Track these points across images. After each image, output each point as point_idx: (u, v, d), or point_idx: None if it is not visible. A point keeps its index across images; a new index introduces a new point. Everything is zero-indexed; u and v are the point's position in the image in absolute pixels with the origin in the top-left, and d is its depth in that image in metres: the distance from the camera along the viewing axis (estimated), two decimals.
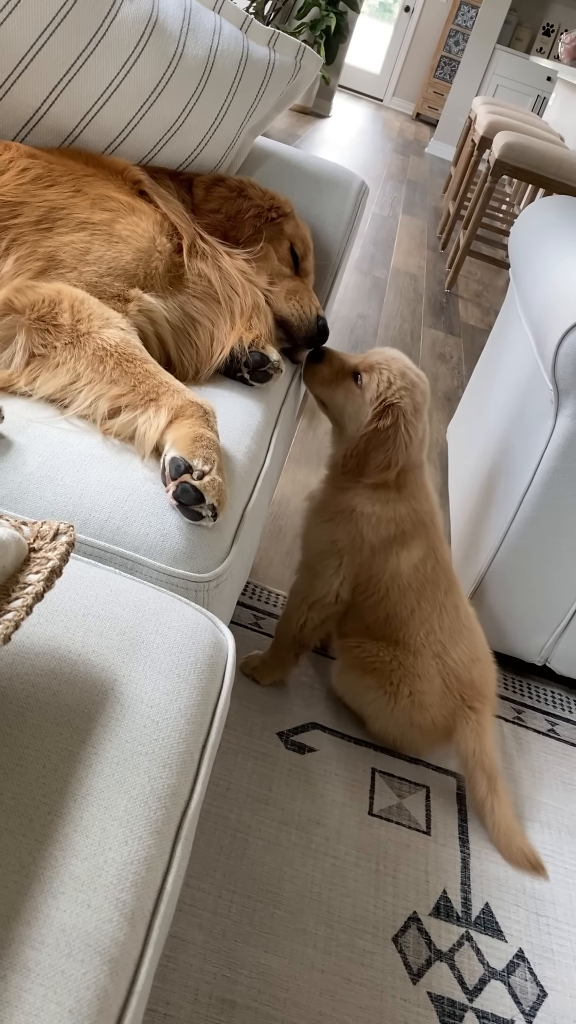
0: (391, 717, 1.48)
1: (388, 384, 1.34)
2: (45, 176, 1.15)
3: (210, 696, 0.76)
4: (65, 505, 0.91)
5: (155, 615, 0.79)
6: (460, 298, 4.32)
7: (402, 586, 1.43)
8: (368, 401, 1.35)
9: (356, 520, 1.39)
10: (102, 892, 0.55)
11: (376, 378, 1.35)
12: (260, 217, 1.41)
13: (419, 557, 1.43)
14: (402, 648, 1.45)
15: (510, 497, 1.68)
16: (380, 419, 1.34)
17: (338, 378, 1.39)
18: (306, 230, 1.50)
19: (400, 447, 1.35)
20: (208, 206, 1.40)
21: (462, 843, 1.43)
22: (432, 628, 1.45)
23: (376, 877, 1.32)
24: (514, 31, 9.37)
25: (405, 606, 1.44)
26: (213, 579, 0.93)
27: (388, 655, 1.45)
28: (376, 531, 1.39)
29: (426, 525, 1.43)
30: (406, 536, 1.41)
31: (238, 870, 1.26)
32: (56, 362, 1.02)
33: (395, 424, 1.34)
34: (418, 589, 1.44)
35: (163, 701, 0.71)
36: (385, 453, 1.34)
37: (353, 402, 1.37)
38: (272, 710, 1.54)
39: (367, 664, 1.46)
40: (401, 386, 1.35)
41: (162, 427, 0.98)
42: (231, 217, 1.39)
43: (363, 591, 1.44)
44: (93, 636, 0.74)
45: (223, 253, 1.32)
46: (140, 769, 0.65)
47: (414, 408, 1.36)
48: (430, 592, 1.44)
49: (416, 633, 1.44)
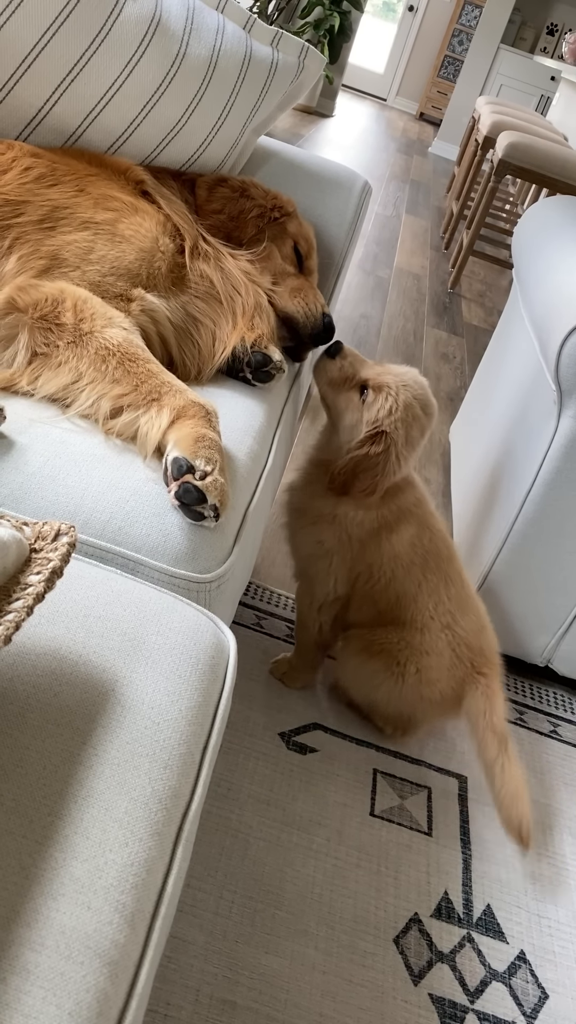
0: (400, 698, 1.46)
1: (389, 412, 1.31)
2: (48, 175, 1.15)
3: (211, 697, 0.76)
4: (67, 505, 0.91)
5: (156, 616, 0.79)
6: (463, 298, 4.31)
7: (405, 564, 1.42)
8: (365, 421, 1.32)
9: (339, 521, 1.38)
10: (102, 894, 0.55)
11: (380, 401, 1.32)
12: (263, 217, 1.41)
13: (413, 534, 1.42)
14: (408, 627, 1.43)
15: (513, 498, 1.68)
16: (372, 444, 1.31)
17: (346, 384, 1.36)
18: (309, 229, 1.50)
19: (388, 475, 1.32)
20: (211, 206, 1.39)
21: (464, 844, 1.42)
22: (440, 599, 1.44)
23: (377, 878, 1.32)
24: (518, 31, 9.36)
25: (412, 582, 1.43)
26: (215, 580, 0.93)
27: (394, 637, 1.44)
28: (361, 527, 1.39)
29: (411, 510, 1.42)
30: (390, 524, 1.39)
31: (239, 871, 1.26)
32: (58, 361, 1.02)
33: (385, 453, 1.31)
34: (421, 563, 1.43)
35: (164, 702, 0.71)
36: (372, 479, 1.32)
37: (352, 414, 1.35)
38: (274, 710, 1.53)
39: (373, 648, 1.45)
40: (400, 418, 1.31)
41: (164, 427, 0.98)
42: (234, 217, 1.39)
43: (367, 579, 1.43)
44: (94, 637, 0.73)
45: (226, 254, 1.32)
46: (141, 771, 0.65)
47: (407, 441, 1.32)
48: (433, 563, 1.43)
49: (426, 607, 1.43)
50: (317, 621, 1.49)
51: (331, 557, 1.41)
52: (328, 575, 1.43)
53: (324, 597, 1.46)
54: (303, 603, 1.50)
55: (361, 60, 10.65)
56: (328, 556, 1.41)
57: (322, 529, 1.40)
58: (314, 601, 1.47)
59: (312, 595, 1.47)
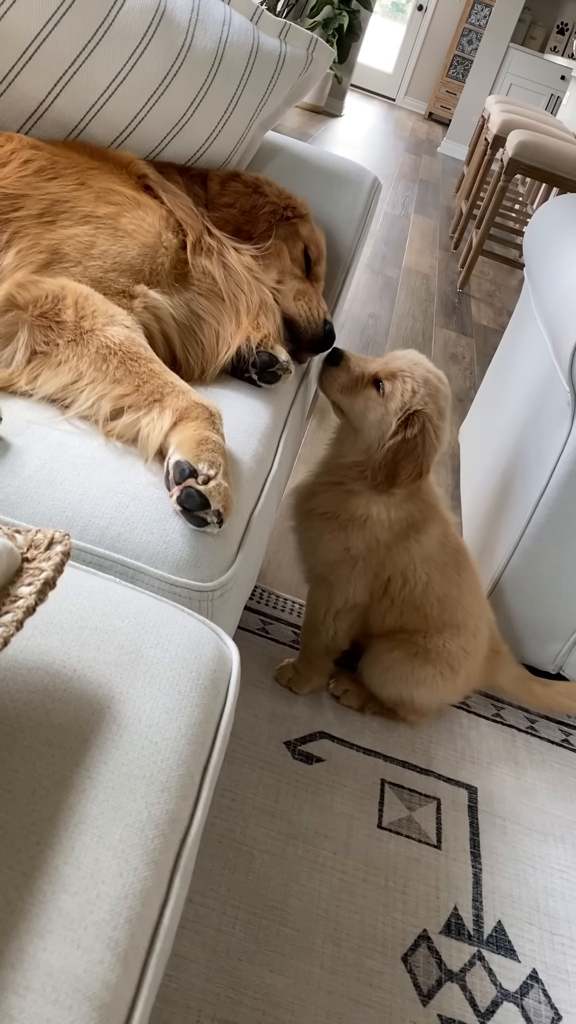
0: (444, 696, 1.53)
1: (412, 392, 1.30)
2: (48, 168, 1.12)
3: (212, 714, 0.72)
4: (64, 510, 0.88)
5: (156, 627, 0.75)
6: (472, 298, 4.27)
7: (439, 565, 1.42)
8: (392, 411, 1.30)
9: (370, 527, 1.36)
10: (93, 930, 0.52)
11: (400, 386, 1.30)
12: (275, 214, 1.38)
13: (440, 532, 1.42)
14: (462, 632, 1.47)
15: (524, 502, 1.64)
16: (407, 428, 1.29)
17: (358, 385, 1.34)
18: (321, 235, 1.47)
19: (429, 453, 1.32)
20: (222, 200, 1.36)
21: (474, 857, 1.39)
22: (477, 596, 1.50)
23: (385, 893, 1.28)
24: (528, 30, 9.30)
25: (451, 583, 1.44)
26: (218, 588, 0.89)
27: (449, 644, 1.46)
28: (390, 530, 1.37)
29: (435, 505, 1.43)
30: (418, 523, 1.39)
31: (243, 885, 1.22)
32: (58, 360, 0.98)
33: (423, 431, 1.30)
34: (453, 562, 1.44)
35: (162, 720, 0.67)
36: (415, 462, 1.30)
37: (375, 410, 1.32)
38: (279, 718, 1.50)
39: (428, 655, 1.46)
40: (426, 393, 1.31)
41: (166, 429, 0.94)
42: (245, 212, 1.35)
43: (402, 585, 1.42)
44: (90, 650, 0.70)
45: (230, 248, 1.28)
46: (137, 794, 0.61)
47: (439, 412, 1.32)
48: (463, 559, 1.47)
49: (472, 608, 1.48)
50: (332, 628, 1.46)
51: (356, 563, 1.38)
52: (349, 582, 1.40)
53: (343, 603, 1.43)
54: (318, 609, 1.46)
55: (370, 60, 10.60)
56: (353, 562, 1.38)
57: (351, 534, 1.37)
58: (331, 607, 1.44)
59: (330, 601, 1.43)
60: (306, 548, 1.45)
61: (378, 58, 10.83)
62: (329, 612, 1.44)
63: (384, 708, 1.55)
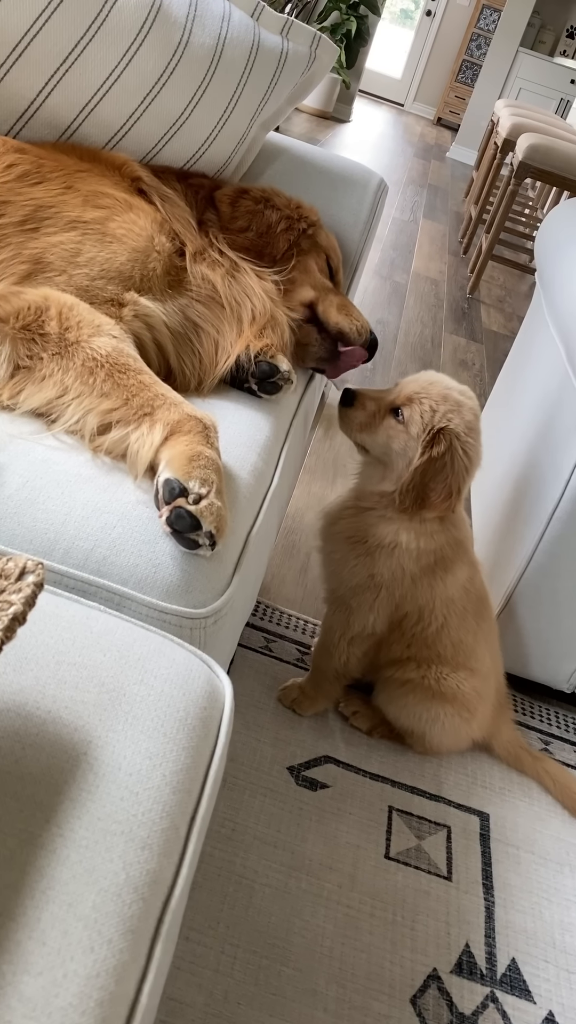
0: (456, 738, 1.47)
1: (432, 411, 1.24)
2: (33, 172, 1.06)
3: (201, 757, 0.66)
4: (46, 532, 0.82)
5: (141, 661, 0.69)
6: (482, 303, 4.21)
7: (459, 611, 1.37)
8: (415, 435, 1.25)
9: (398, 555, 1.30)
10: (58, 1017, 0.46)
11: (417, 409, 1.25)
12: (292, 230, 1.32)
13: (466, 576, 1.36)
14: (468, 672, 1.41)
15: (538, 514, 1.57)
16: (433, 447, 1.23)
17: (376, 419, 1.29)
18: (335, 240, 1.41)
19: (460, 472, 1.25)
20: (237, 224, 1.29)
21: (486, 890, 1.32)
22: (493, 647, 1.45)
23: (393, 929, 1.22)
24: (537, 34, 9.25)
25: (468, 631, 1.39)
26: (211, 615, 0.83)
27: (454, 681, 1.40)
28: (417, 562, 1.31)
29: (464, 544, 1.37)
30: (447, 561, 1.33)
31: (243, 921, 1.16)
32: (42, 374, 0.93)
33: (450, 449, 1.23)
34: (474, 610, 1.39)
35: (145, 767, 0.61)
36: (445, 481, 1.24)
37: (398, 439, 1.27)
38: (282, 742, 1.44)
39: (443, 694, 1.40)
40: (447, 410, 1.24)
41: (156, 444, 0.89)
42: (262, 234, 1.29)
43: (417, 621, 1.36)
44: (67, 688, 0.64)
45: (250, 272, 1.23)
46: (114, 853, 0.55)
47: (466, 427, 1.25)
48: (484, 609, 1.41)
49: (484, 657, 1.43)
50: (345, 653, 1.40)
51: (380, 590, 1.32)
52: (371, 609, 1.34)
53: (360, 629, 1.37)
54: (334, 632, 1.40)
55: (378, 65, 10.57)
56: (377, 589, 1.32)
57: (377, 560, 1.31)
58: (347, 632, 1.38)
59: (347, 626, 1.38)
60: (330, 570, 1.39)
61: (386, 64, 10.79)
62: (344, 637, 1.39)
63: (394, 733, 1.49)
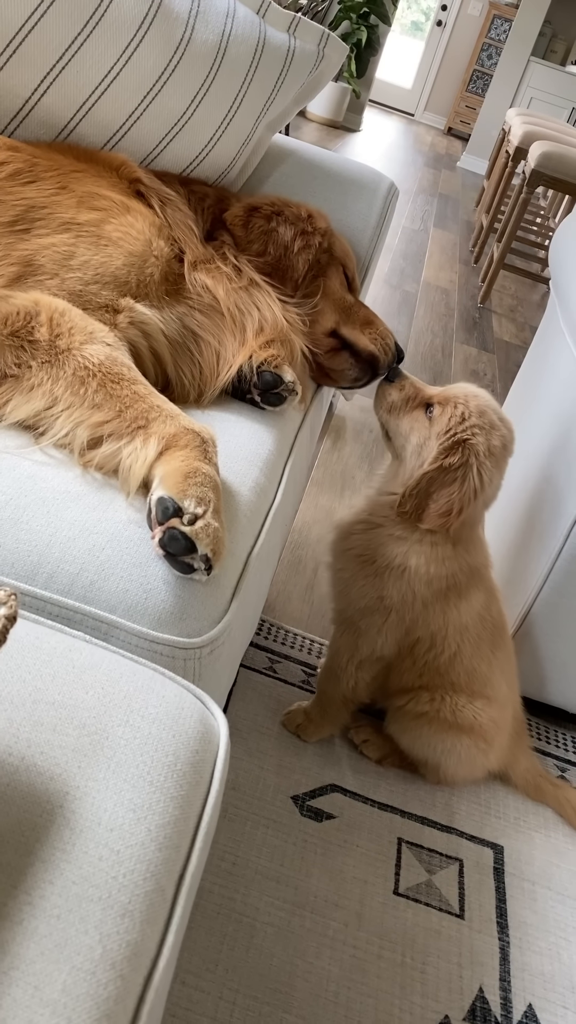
0: (472, 769, 1.40)
1: (461, 419, 1.18)
2: (26, 171, 1.01)
3: (192, 808, 0.60)
4: (29, 554, 0.76)
5: (126, 699, 0.63)
6: (494, 313, 4.15)
7: (473, 640, 1.30)
8: (435, 435, 1.19)
9: (408, 578, 1.23)
10: None
11: (449, 411, 1.19)
12: (309, 248, 1.25)
13: (482, 603, 1.29)
14: (485, 700, 1.34)
15: (554, 532, 1.51)
16: (448, 456, 1.17)
17: (407, 406, 1.24)
18: (348, 245, 1.36)
19: (468, 493, 1.17)
20: (253, 248, 1.23)
21: (500, 928, 1.25)
22: (510, 677, 1.39)
23: (402, 971, 1.15)
24: (549, 43, 9.20)
25: (482, 660, 1.32)
26: (206, 644, 0.77)
27: (471, 712, 1.33)
28: (429, 586, 1.24)
29: (481, 572, 1.30)
30: (460, 587, 1.26)
31: (243, 964, 1.10)
32: (31, 384, 0.87)
33: (465, 464, 1.17)
34: (489, 639, 1.32)
35: (128, 821, 0.55)
36: (449, 497, 1.17)
37: (419, 433, 1.21)
38: (286, 769, 1.37)
39: (460, 725, 1.33)
40: (476, 424, 1.18)
41: (150, 459, 0.83)
42: (280, 258, 1.23)
43: (428, 648, 1.29)
44: (43, 731, 0.58)
45: (271, 294, 1.17)
46: (89, 923, 0.49)
47: (489, 451, 1.18)
48: (500, 638, 1.34)
49: (500, 685, 1.36)
50: (353, 677, 1.33)
51: (389, 614, 1.26)
52: (380, 632, 1.28)
53: (369, 653, 1.30)
54: (341, 655, 1.33)
55: (389, 75, 10.53)
56: (386, 612, 1.26)
57: (387, 582, 1.24)
58: (356, 655, 1.31)
59: (355, 648, 1.31)
60: (339, 589, 1.32)
61: (397, 74, 10.76)
62: (352, 660, 1.32)
63: (406, 762, 1.42)
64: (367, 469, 2.33)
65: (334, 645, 1.36)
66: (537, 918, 1.28)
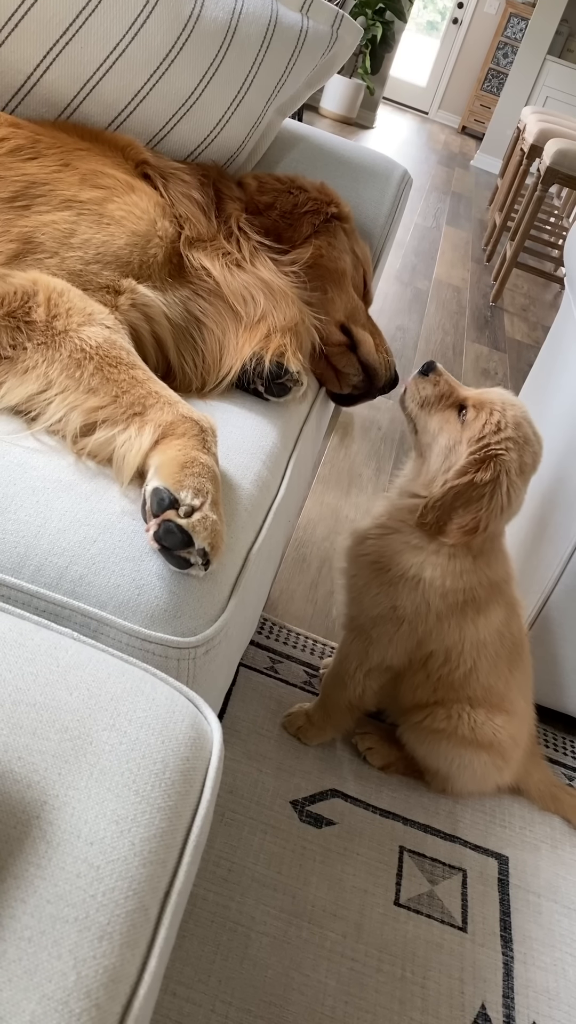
0: (484, 785, 1.36)
1: (496, 428, 1.13)
2: (27, 148, 0.97)
3: (181, 820, 0.56)
4: (15, 546, 0.72)
5: (113, 702, 0.59)
6: (506, 312, 4.10)
7: (491, 657, 1.25)
8: (466, 440, 1.14)
9: (422, 590, 1.19)
10: None
11: (484, 417, 1.14)
12: (318, 213, 1.21)
13: (502, 619, 1.24)
14: (504, 716, 1.30)
15: (566, 533, 1.46)
16: (479, 471, 1.12)
17: (440, 403, 1.19)
18: (368, 251, 1.32)
19: (494, 511, 1.13)
20: (263, 199, 1.19)
21: (504, 942, 1.21)
22: (527, 694, 1.34)
23: (402, 986, 1.11)
24: (565, 42, 9.13)
25: (499, 678, 1.27)
26: (202, 644, 0.73)
27: (491, 729, 1.28)
28: (444, 599, 1.19)
29: (502, 587, 1.24)
30: (479, 602, 1.21)
31: (237, 975, 1.06)
32: (25, 366, 0.83)
33: (495, 482, 1.12)
34: (508, 657, 1.27)
35: (110, 834, 0.51)
36: (475, 514, 1.13)
37: (448, 434, 1.16)
38: (286, 773, 1.33)
39: (478, 741, 1.28)
40: (511, 436, 1.13)
41: (146, 448, 0.79)
42: (286, 213, 1.19)
43: (443, 663, 1.25)
44: (22, 735, 0.54)
45: (268, 262, 1.12)
46: (63, 947, 0.45)
47: (520, 468, 1.14)
48: (519, 656, 1.30)
49: (518, 700, 1.31)
50: (360, 685, 1.29)
51: (401, 624, 1.21)
52: (391, 642, 1.23)
53: (378, 662, 1.26)
54: (349, 661, 1.29)
55: (403, 73, 10.47)
56: (399, 622, 1.21)
57: (400, 592, 1.20)
58: (365, 663, 1.27)
59: (364, 656, 1.27)
60: (352, 595, 1.27)
61: (411, 72, 10.70)
62: (361, 668, 1.27)
63: (410, 770, 1.38)
64: (375, 467, 2.29)
65: (343, 651, 1.31)
66: (542, 932, 1.24)
